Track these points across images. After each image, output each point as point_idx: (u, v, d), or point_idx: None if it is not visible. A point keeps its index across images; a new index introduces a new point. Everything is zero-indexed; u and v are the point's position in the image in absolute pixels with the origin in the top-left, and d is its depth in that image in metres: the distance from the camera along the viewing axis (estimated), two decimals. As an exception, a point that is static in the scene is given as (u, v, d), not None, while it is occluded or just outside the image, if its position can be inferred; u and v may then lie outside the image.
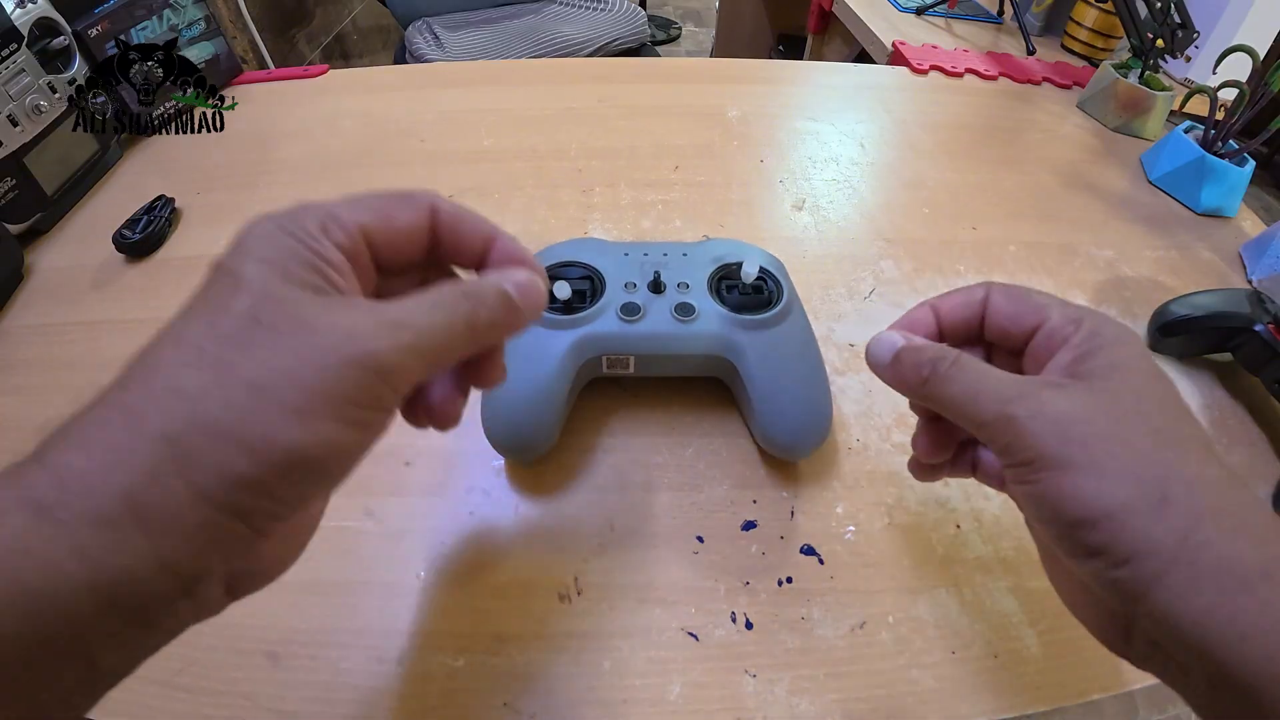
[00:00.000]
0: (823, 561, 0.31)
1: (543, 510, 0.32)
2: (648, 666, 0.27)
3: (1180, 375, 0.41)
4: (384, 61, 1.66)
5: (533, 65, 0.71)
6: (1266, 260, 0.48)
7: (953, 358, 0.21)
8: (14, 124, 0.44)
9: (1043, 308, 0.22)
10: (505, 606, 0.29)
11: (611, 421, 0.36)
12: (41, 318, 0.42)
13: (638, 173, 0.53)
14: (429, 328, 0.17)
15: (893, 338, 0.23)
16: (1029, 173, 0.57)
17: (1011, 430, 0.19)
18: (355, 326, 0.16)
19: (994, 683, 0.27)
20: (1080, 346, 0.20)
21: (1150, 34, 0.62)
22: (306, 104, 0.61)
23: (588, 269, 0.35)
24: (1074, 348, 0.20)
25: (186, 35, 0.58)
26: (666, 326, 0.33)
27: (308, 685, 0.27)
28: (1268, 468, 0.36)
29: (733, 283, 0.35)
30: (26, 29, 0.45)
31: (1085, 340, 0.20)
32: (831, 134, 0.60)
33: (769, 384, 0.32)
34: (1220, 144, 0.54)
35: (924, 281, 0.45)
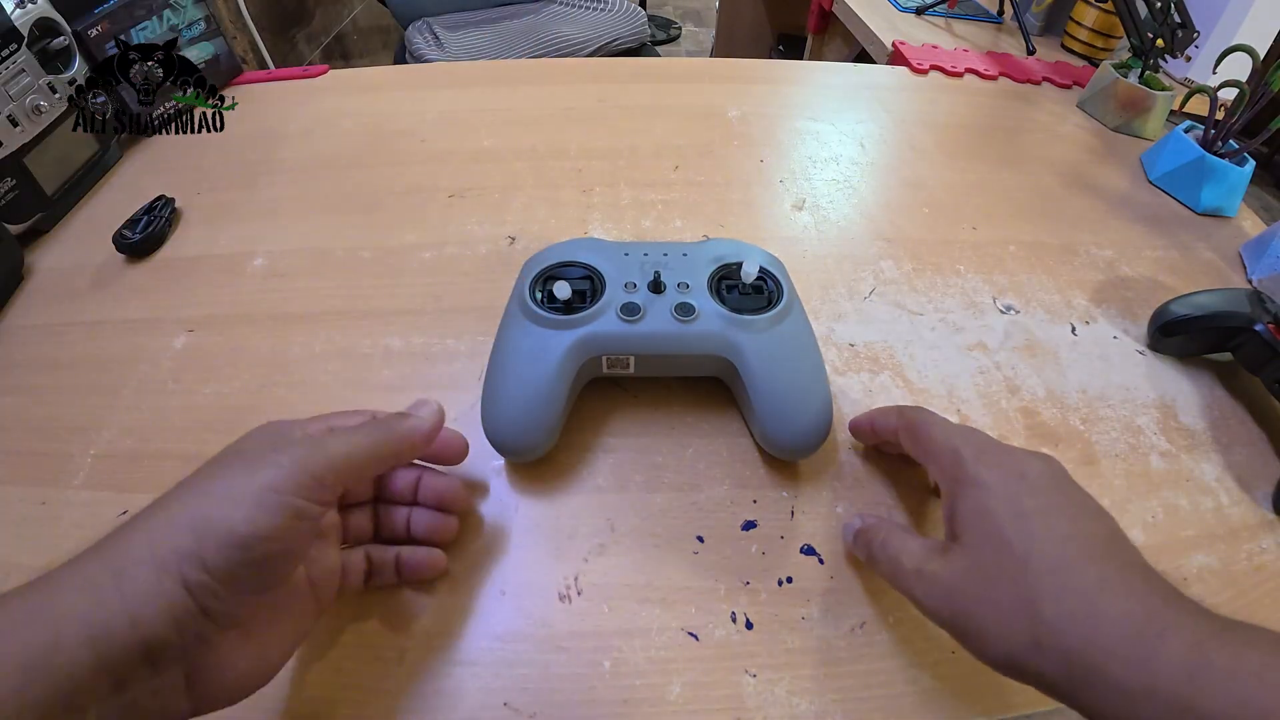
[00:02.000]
0: (823, 561, 0.31)
1: (543, 510, 0.32)
2: (648, 666, 0.27)
3: (1180, 375, 0.41)
4: (384, 61, 1.66)
5: (533, 65, 0.71)
6: (1267, 260, 0.48)
7: (880, 538, 0.27)
8: (14, 124, 0.44)
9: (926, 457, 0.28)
10: (505, 606, 0.29)
11: (611, 421, 0.36)
12: (41, 318, 0.42)
13: (638, 173, 0.53)
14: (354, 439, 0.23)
15: (853, 523, 0.30)
16: (1029, 172, 0.57)
17: (921, 607, 0.25)
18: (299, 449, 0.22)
19: (994, 682, 0.27)
20: (949, 503, 0.25)
21: (1150, 34, 0.62)
22: (306, 104, 0.61)
23: (587, 269, 0.35)
24: (946, 503, 0.25)
25: (186, 35, 0.58)
26: (666, 326, 0.33)
27: (307, 685, 0.27)
28: (1268, 468, 0.36)
29: (733, 282, 0.35)
30: (26, 29, 0.45)
31: (949, 495, 0.25)
32: (831, 134, 0.60)
33: (769, 384, 0.32)
34: (1220, 144, 0.54)
35: (924, 281, 0.45)
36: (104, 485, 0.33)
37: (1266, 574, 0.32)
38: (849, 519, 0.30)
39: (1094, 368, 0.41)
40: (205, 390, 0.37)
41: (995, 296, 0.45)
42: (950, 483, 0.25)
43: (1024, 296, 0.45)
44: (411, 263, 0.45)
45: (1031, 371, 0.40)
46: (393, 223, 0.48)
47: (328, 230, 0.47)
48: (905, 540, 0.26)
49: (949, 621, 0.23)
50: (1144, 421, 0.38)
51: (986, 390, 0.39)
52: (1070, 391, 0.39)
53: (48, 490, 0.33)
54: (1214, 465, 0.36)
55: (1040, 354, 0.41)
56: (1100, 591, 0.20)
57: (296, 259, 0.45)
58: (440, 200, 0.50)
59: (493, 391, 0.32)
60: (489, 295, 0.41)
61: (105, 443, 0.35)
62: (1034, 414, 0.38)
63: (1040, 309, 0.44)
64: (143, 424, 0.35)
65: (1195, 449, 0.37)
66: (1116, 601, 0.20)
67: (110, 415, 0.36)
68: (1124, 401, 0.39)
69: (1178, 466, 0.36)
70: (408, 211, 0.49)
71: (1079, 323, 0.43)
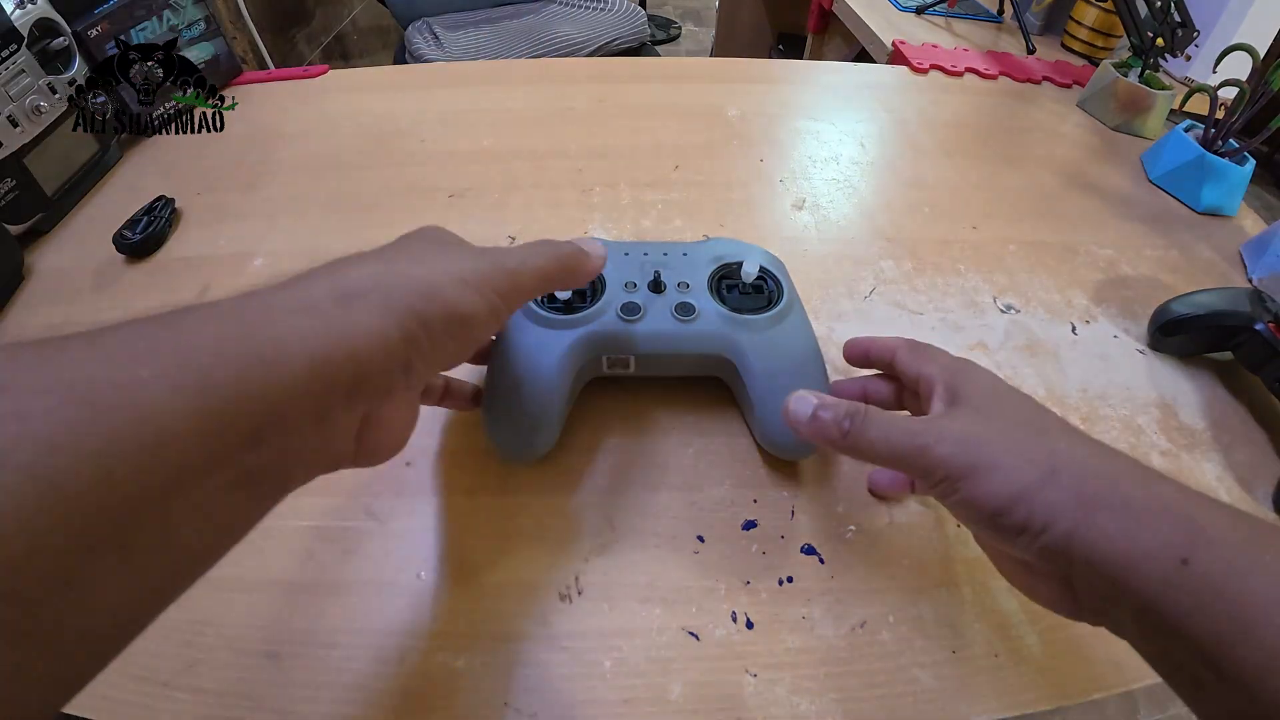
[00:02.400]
0: (823, 561, 0.31)
1: (543, 510, 0.32)
2: (648, 666, 0.27)
3: (1180, 374, 0.41)
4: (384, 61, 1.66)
5: (533, 65, 0.71)
6: (1267, 259, 0.48)
7: (865, 411, 0.25)
8: (14, 125, 0.44)
9: (927, 361, 0.28)
10: (505, 606, 0.29)
11: (611, 421, 0.36)
12: (42, 318, 0.42)
13: (638, 172, 0.53)
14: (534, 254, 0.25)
15: (808, 398, 0.27)
16: (1029, 172, 0.57)
17: (926, 457, 0.23)
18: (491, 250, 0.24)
19: (995, 682, 0.27)
20: (950, 381, 0.26)
21: (1150, 33, 0.62)
22: (306, 104, 0.61)
23: None
24: (942, 384, 0.26)
25: (186, 35, 0.58)
26: (667, 326, 0.33)
27: (308, 685, 0.27)
28: (1268, 467, 0.36)
29: (733, 282, 0.35)
30: (26, 29, 0.45)
31: (951, 376, 0.26)
32: (831, 133, 0.60)
33: (769, 383, 0.32)
34: (1220, 143, 0.54)
35: (924, 280, 0.45)
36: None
37: (1267, 573, 0.32)
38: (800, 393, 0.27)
39: (1094, 367, 0.41)
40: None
41: (995, 296, 0.45)
42: (954, 371, 0.27)
43: (1024, 296, 0.45)
44: (411, 263, 0.45)
45: (1032, 371, 0.40)
46: (393, 223, 0.47)
47: (328, 230, 0.47)
48: (893, 413, 0.26)
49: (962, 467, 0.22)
50: (1144, 421, 0.38)
51: (987, 390, 0.39)
52: (1071, 391, 0.39)
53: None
54: (1214, 464, 0.36)
55: (1040, 353, 0.41)
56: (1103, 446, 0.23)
57: (296, 259, 0.45)
58: (440, 200, 0.50)
59: (493, 392, 0.32)
60: (489, 295, 0.41)
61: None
62: (1034, 413, 0.38)
63: (1040, 308, 0.44)
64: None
65: (1195, 448, 0.37)
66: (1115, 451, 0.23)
67: (110, 415, 0.36)
68: (1124, 401, 0.39)
69: (1178, 466, 0.36)
70: (408, 211, 0.49)
71: (1079, 322, 0.43)
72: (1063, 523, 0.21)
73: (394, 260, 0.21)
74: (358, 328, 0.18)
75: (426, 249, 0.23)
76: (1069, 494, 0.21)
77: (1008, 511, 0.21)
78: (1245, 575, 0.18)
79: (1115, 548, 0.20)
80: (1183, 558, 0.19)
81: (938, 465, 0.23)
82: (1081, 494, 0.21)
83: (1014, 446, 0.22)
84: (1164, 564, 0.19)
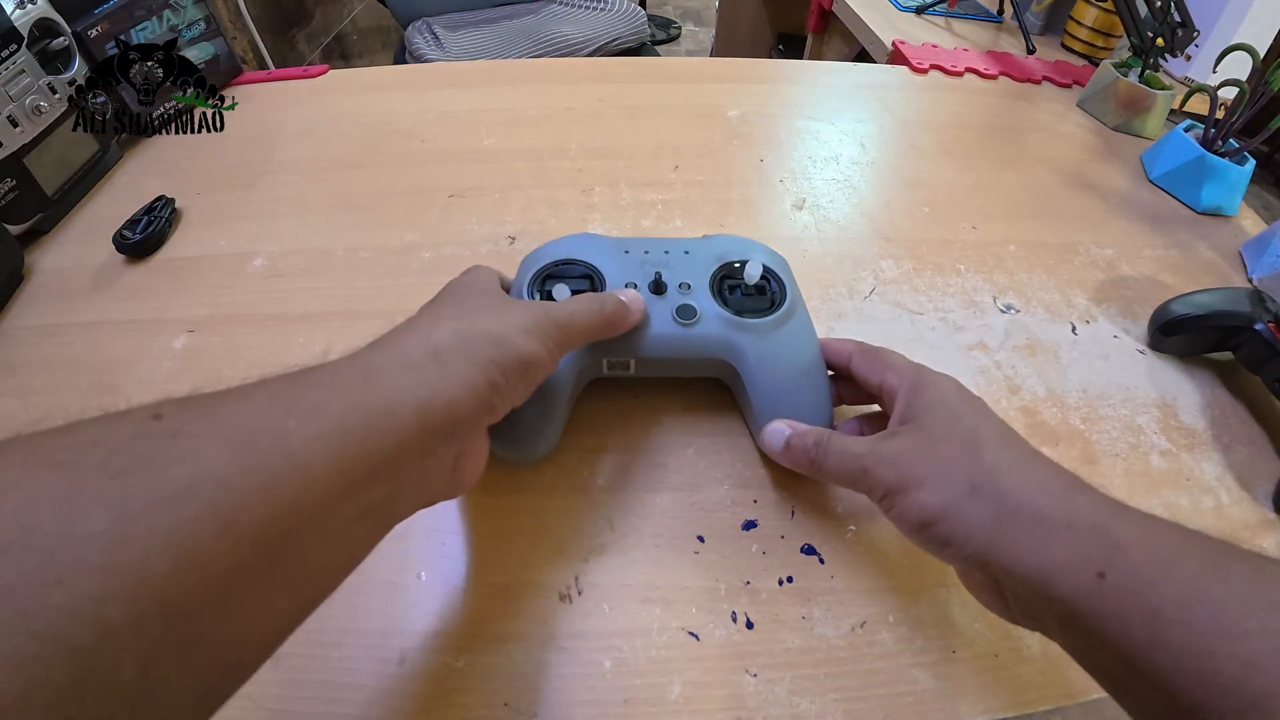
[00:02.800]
0: (823, 561, 0.31)
1: (543, 510, 0.32)
2: (648, 666, 0.27)
3: (1181, 374, 0.41)
4: (384, 61, 1.66)
5: (533, 65, 0.71)
6: (1267, 259, 0.48)
7: (826, 438, 0.28)
8: (14, 125, 0.44)
9: (885, 369, 0.29)
10: (505, 606, 0.29)
11: (612, 421, 0.36)
12: (42, 318, 0.42)
13: (638, 172, 0.53)
14: (581, 309, 0.28)
15: (781, 428, 0.30)
16: (1029, 172, 0.57)
17: (867, 478, 0.26)
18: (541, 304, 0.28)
19: (994, 682, 0.27)
20: (905, 397, 0.28)
21: (1150, 33, 0.62)
22: (306, 104, 0.61)
23: (587, 268, 0.35)
24: (902, 400, 0.28)
25: (186, 36, 0.58)
26: (668, 329, 0.33)
27: (308, 685, 0.27)
28: (1268, 466, 0.36)
29: (735, 282, 0.35)
30: (26, 30, 0.45)
31: (907, 393, 0.28)
32: (831, 133, 0.60)
33: (770, 385, 0.32)
34: (1220, 143, 0.54)
35: (924, 281, 0.45)
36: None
37: (1267, 573, 0.32)
38: (774, 424, 0.30)
39: (1094, 367, 0.41)
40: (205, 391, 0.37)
41: (995, 296, 0.45)
42: (909, 386, 0.28)
43: (1024, 296, 0.45)
44: (411, 263, 0.45)
45: (1032, 371, 0.40)
46: (393, 223, 0.48)
47: (328, 230, 0.47)
48: (849, 437, 0.28)
49: (894, 483, 0.25)
50: (1144, 421, 0.38)
51: (987, 390, 0.39)
52: (1071, 391, 0.39)
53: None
54: (1214, 464, 0.36)
55: (1040, 353, 0.41)
56: (1031, 457, 0.24)
57: (296, 259, 0.45)
58: (440, 200, 0.50)
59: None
60: (489, 295, 0.41)
61: (105, 443, 0.35)
62: (1034, 413, 0.38)
63: (1040, 308, 0.44)
64: (143, 424, 0.35)
65: (1196, 448, 0.37)
66: (1045, 466, 0.24)
67: (110, 415, 0.36)
68: (1124, 401, 0.39)
69: (1178, 466, 0.36)
70: (408, 211, 0.49)
71: (1079, 322, 0.43)
72: (980, 537, 0.22)
73: (469, 315, 0.24)
74: (452, 380, 0.21)
75: (489, 302, 0.26)
76: (988, 509, 0.22)
77: (933, 524, 0.24)
78: (1158, 585, 0.19)
79: (1031, 561, 0.21)
80: (1099, 571, 0.20)
81: (876, 484, 0.26)
82: (1000, 510, 0.22)
83: (942, 464, 0.24)
84: (1082, 577, 0.20)
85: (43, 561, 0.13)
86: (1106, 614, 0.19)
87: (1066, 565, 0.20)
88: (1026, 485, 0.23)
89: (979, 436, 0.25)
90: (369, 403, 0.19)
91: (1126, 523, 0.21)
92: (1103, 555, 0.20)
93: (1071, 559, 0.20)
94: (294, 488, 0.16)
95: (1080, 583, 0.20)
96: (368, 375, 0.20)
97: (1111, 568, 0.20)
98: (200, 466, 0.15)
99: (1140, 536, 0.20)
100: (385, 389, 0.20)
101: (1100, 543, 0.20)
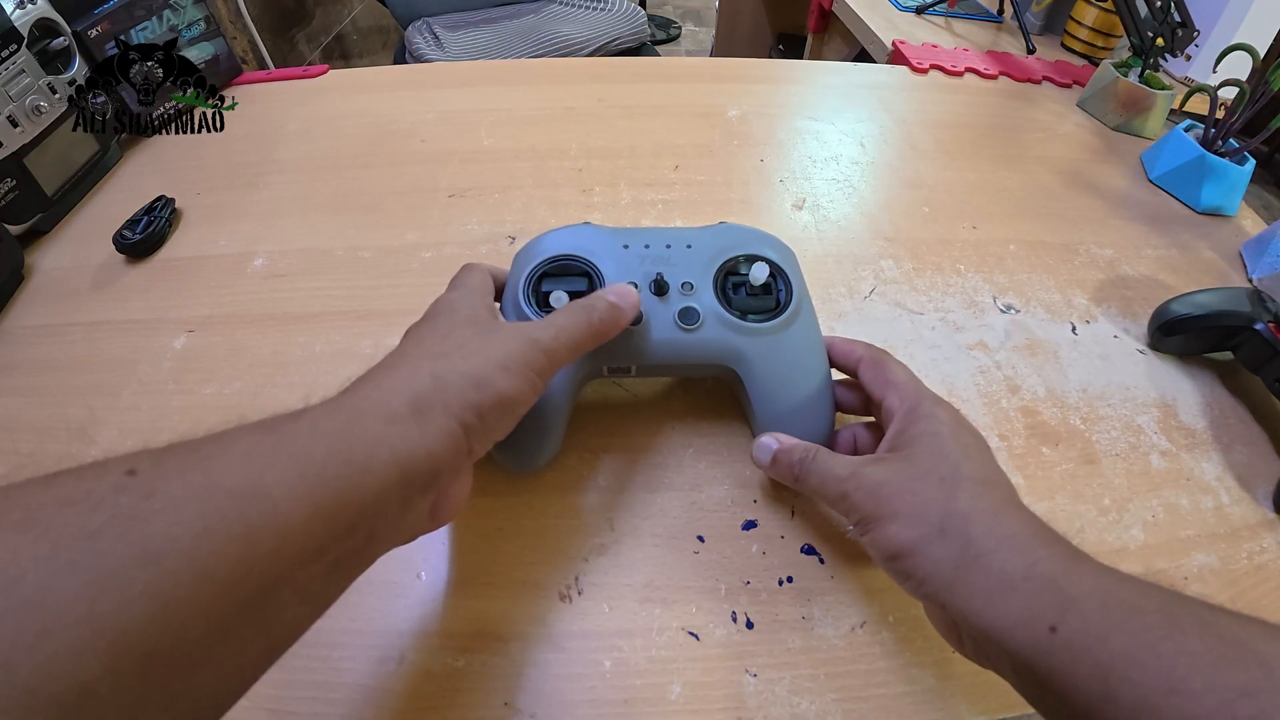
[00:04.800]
0: (823, 561, 0.31)
1: (543, 510, 0.32)
2: (648, 666, 0.27)
3: (1180, 374, 0.41)
4: (384, 61, 1.66)
5: (533, 65, 0.71)
6: (1267, 259, 0.48)
7: (812, 455, 0.28)
8: (14, 125, 0.44)
9: (887, 386, 0.30)
10: (505, 606, 0.29)
11: (613, 421, 0.36)
12: (42, 318, 0.42)
13: (638, 172, 0.53)
14: (568, 324, 0.27)
15: (770, 443, 0.30)
16: (1029, 172, 0.57)
17: (846, 500, 0.26)
18: (525, 327, 0.26)
19: (995, 681, 0.27)
20: (900, 423, 0.28)
21: (1150, 33, 0.62)
22: (306, 104, 0.61)
23: (585, 265, 0.33)
24: (897, 423, 0.28)
25: (186, 35, 0.58)
26: (669, 334, 0.32)
27: (308, 685, 0.27)
28: (1268, 466, 0.36)
29: (740, 280, 0.34)
30: (26, 30, 0.45)
31: (903, 418, 0.28)
32: (831, 133, 0.60)
33: (772, 387, 0.32)
34: (1220, 142, 0.54)
35: (924, 280, 0.45)
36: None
37: (1267, 573, 0.32)
38: (763, 438, 0.30)
39: (1094, 367, 0.41)
40: (205, 390, 0.37)
41: (995, 296, 0.45)
42: (906, 411, 0.28)
43: (1024, 296, 0.45)
44: (411, 263, 0.45)
45: (1032, 371, 0.40)
46: (393, 223, 0.48)
47: (328, 230, 0.47)
48: (835, 456, 0.28)
49: (870, 512, 0.25)
50: (1144, 421, 0.38)
51: (987, 389, 0.39)
52: (1071, 391, 0.39)
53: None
54: (1214, 464, 0.36)
55: (1040, 353, 0.41)
56: (1006, 504, 0.24)
57: (296, 259, 0.45)
58: (440, 200, 0.50)
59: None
60: (489, 295, 0.41)
61: (106, 443, 0.35)
62: (1034, 413, 0.38)
63: (1040, 308, 0.44)
64: (143, 424, 0.35)
65: (1195, 448, 0.37)
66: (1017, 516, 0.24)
67: (111, 416, 0.36)
68: (1124, 401, 0.39)
69: (1178, 466, 0.36)
70: (408, 211, 0.49)
71: (1079, 322, 0.43)
72: (941, 578, 0.23)
73: (448, 354, 0.24)
74: (431, 433, 0.21)
75: (470, 334, 0.25)
76: (951, 553, 0.23)
77: (900, 559, 0.24)
78: (1107, 639, 0.19)
79: (986, 613, 0.21)
80: (1051, 625, 0.20)
81: (854, 509, 0.26)
82: (963, 556, 0.22)
83: (917, 500, 0.24)
84: (1034, 631, 0.20)
85: (24, 619, 0.13)
86: (1058, 668, 0.20)
87: (1019, 619, 0.21)
88: (992, 535, 0.23)
89: (960, 476, 0.25)
90: (350, 455, 0.19)
91: (1082, 575, 0.21)
92: (1055, 609, 0.20)
93: (1024, 614, 0.21)
94: (272, 539, 0.17)
95: (1032, 637, 0.20)
96: (349, 426, 0.20)
97: (1063, 622, 0.20)
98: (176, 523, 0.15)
99: (1094, 589, 0.20)
100: (366, 441, 0.20)
101: (1054, 597, 0.21)
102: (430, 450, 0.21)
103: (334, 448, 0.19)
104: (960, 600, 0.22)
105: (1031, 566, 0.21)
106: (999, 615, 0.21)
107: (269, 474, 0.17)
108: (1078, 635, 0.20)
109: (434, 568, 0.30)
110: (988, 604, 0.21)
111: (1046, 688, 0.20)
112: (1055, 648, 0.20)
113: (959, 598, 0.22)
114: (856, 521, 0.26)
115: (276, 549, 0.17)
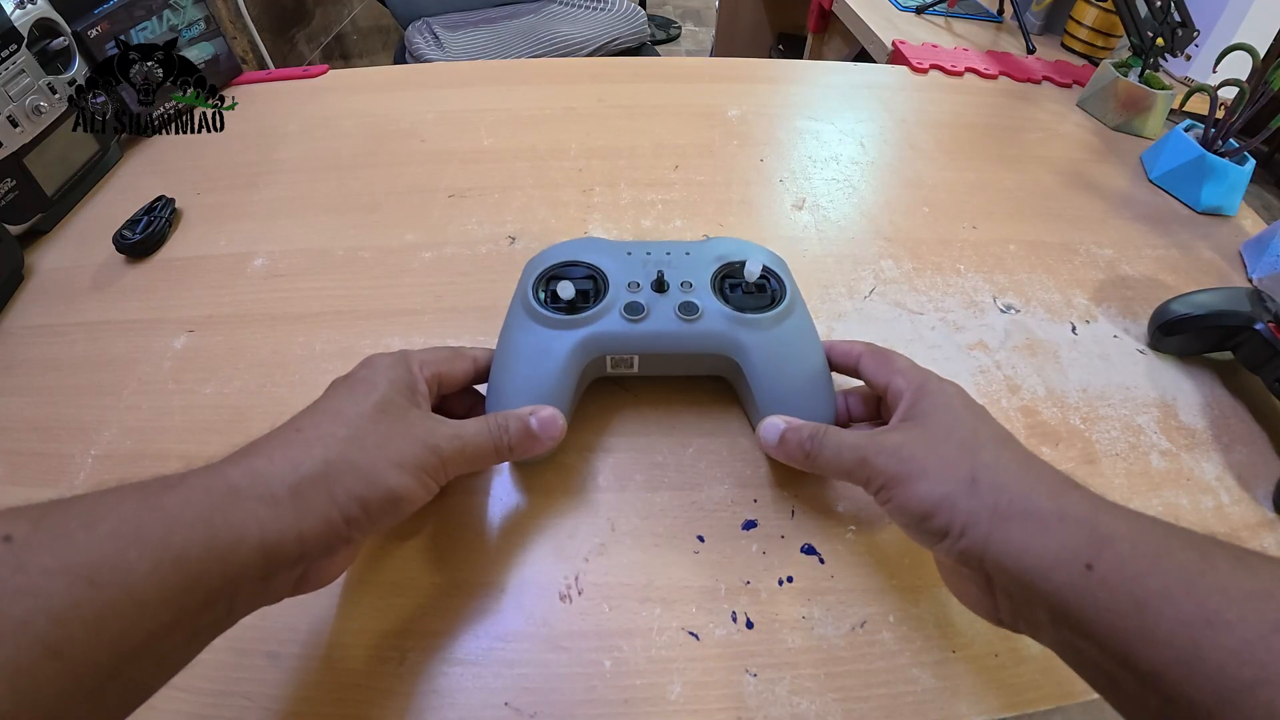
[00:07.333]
0: (823, 561, 0.31)
1: (543, 510, 0.32)
2: (648, 666, 0.27)
3: (1180, 374, 0.41)
4: (384, 61, 1.66)
5: (533, 65, 0.71)
6: (1267, 259, 0.48)
7: (823, 432, 0.28)
8: (14, 125, 0.44)
9: (894, 372, 0.30)
10: (505, 606, 0.29)
11: (613, 421, 0.36)
12: (42, 318, 0.42)
13: (638, 172, 0.53)
14: (472, 439, 0.27)
15: (777, 423, 0.30)
16: (1029, 172, 0.57)
17: (866, 467, 0.26)
18: (432, 428, 0.26)
19: (994, 682, 0.27)
20: (910, 399, 0.28)
21: (1150, 32, 0.62)
22: (306, 104, 0.61)
23: (591, 268, 0.35)
24: (907, 399, 0.28)
25: (186, 35, 0.58)
26: (671, 325, 0.33)
27: (308, 685, 0.27)
28: (1268, 466, 0.36)
29: (736, 281, 0.35)
30: (26, 30, 0.45)
31: (913, 394, 0.28)
32: (831, 133, 0.60)
33: (773, 381, 0.32)
34: (1220, 142, 0.54)
35: (924, 280, 0.45)
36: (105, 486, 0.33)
37: (1267, 573, 0.32)
38: (770, 419, 0.30)
39: (1094, 367, 0.41)
40: (205, 390, 0.37)
41: (995, 295, 0.45)
42: (915, 388, 0.28)
43: (1024, 295, 0.45)
44: (411, 263, 0.45)
45: (1032, 371, 0.40)
46: (393, 223, 0.48)
47: (328, 230, 0.47)
48: (845, 430, 0.29)
49: (895, 474, 0.25)
50: (1144, 421, 0.38)
51: (987, 389, 0.39)
52: (1070, 390, 0.39)
53: (49, 491, 0.33)
54: (1214, 464, 0.36)
55: (1040, 353, 0.41)
56: (1029, 456, 0.25)
57: (296, 259, 0.45)
58: (440, 200, 0.50)
59: (497, 393, 0.32)
60: (489, 295, 0.41)
61: (106, 443, 0.35)
62: (1034, 413, 0.38)
63: (1040, 308, 0.44)
64: (143, 424, 0.35)
65: (1196, 448, 0.37)
66: (1041, 464, 0.24)
67: (111, 416, 0.36)
68: (1124, 401, 0.39)
69: (1178, 465, 0.36)
70: (408, 211, 0.49)
71: (1079, 322, 0.43)
72: (978, 529, 0.23)
73: (344, 443, 0.24)
74: (308, 516, 0.22)
75: (369, 428, 0.25)
76: (985, 503, 0.23)
77: (931, 516, 0.24)
78: (1144, 576, 0.19)
79: (1024, 554, 0.22)
80: (1087, 562, 0.20)
81: (876, 474, 0.26)
82: (997, 504, 0.23)
83: (942, 458, 0.25)
84: (1070, 569, 0.20)
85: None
86: (1094, 606, 0.20)
87: (1057, 558, 0.21)
88: (1023, 482, 0.23)
89: (979, 437, 0.25)
90: (214, 534, 0.20)
91: (1114, 517, 0.21)
92: (1091, 548, 0.21)
93: (1061, 552, 0.21)
94: (126, 619, 0.17)
95: (1069, 575, 0.20)
96: (223, 505, 0.20)
97: (1099, 560, 0.20)
98: (37, 603, 0.16)
99: (1128, 530, 0.21)
100: (236, 521, 0.20)
101: (1089, 535, 0.21)
102: (302, 533, 0.21)
103: (200, 523, 0.20)
104: (997, 548, 0.22)
105: (1064, 508, 0.22)
106: (1037, 557, 0.21)
107: (131, 551, 0.18)
108: (1113, 572, 0.20)
109: (434, 568, 0.30)
110: (1026, 547, 0.22)
111: (1083, 630, 0.20)
112: (1092, 585, 0.20)
113: (996, 546, 0.22)
114: (879, 488, 0.26)
115: (130, 628, 0.17)
